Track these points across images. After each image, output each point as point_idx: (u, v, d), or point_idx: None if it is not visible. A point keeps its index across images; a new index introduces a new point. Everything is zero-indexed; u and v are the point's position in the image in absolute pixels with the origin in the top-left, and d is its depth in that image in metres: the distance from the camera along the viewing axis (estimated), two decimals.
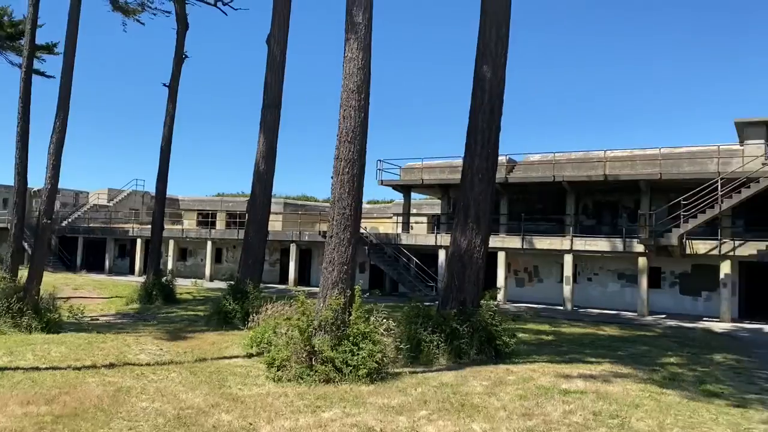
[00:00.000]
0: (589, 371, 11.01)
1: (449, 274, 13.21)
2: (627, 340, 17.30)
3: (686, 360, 13.62)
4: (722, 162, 25.06)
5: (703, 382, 10.44)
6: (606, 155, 27.79)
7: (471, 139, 13.53)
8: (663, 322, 23.71)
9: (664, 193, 26.96)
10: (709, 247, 25.00)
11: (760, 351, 16.65)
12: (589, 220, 30.68)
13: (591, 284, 29.65)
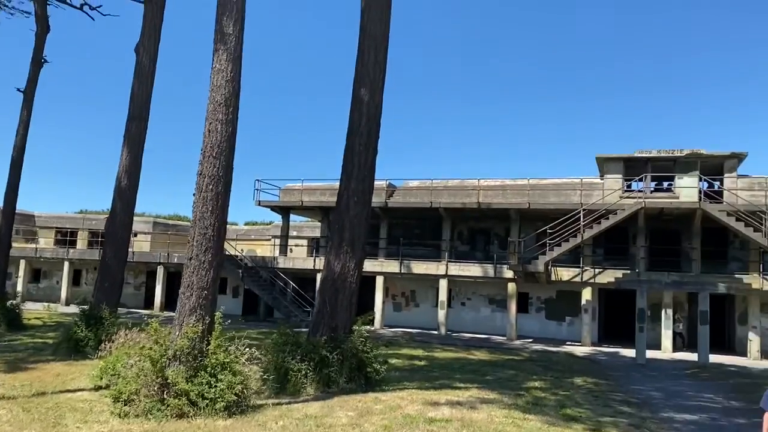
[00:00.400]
0: (456, 397, 10.95)
1: (321, 299, 12.78)
2: (496, 365, 17.64)
3: (549, 384, 14.01)
4: (584, 194, 26.68)
5: (564, 406, 10.68)
6: (480, 184, 28.75)
7: (348, 161, 13.30)
8: (530, 346, 24.61)
9: (532, 221, 28.26)
10: (572, 274, 26.40)
11: (616, 374, 17.57)
12: (463, 246, 31.51)
13: (464, 309, 30.34)
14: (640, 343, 21.15)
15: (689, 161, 25.34)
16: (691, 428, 9.91)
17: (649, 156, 25.88)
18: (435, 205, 28.36)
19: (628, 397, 12.81)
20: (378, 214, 29.93)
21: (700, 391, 14.55)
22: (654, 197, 25.56)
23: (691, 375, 18.47)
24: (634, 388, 14.69)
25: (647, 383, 15.79)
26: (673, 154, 25.48)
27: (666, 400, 12.84)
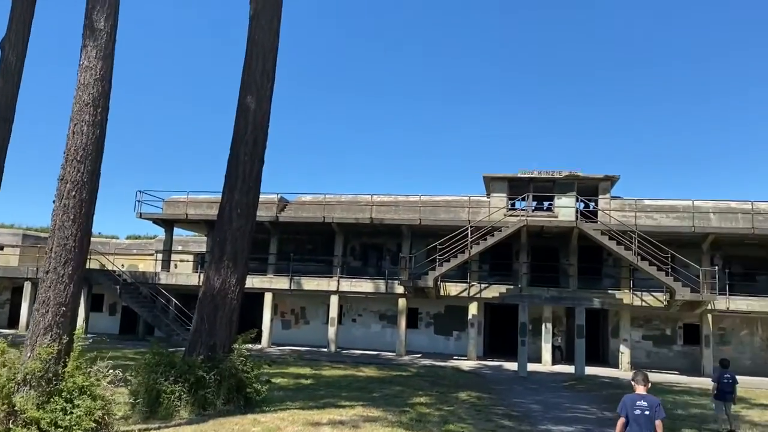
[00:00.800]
0: (340, 416, 10.63)
1: (199, 317, 12.07)
2: (383, 381, 17.50)
3: (435, 399, 14.02)
4: (472, 211, 27.41)
5: (447, 422, 10.65)
6: (373, 199, 28.81)
7: (231, 171, 12.74)
8: (418, 361, 24.77)
9: (423, 237, 28.65)
10: (460, 289, 26.95)
11: (499, 387, 17.96)
12: (356, 261, 31.39)
13: (355, 325, 30.14)
14: (522, 357, 21.83)
15: (567, 182, 26.72)
16: None
17: (531, 176, 27.03)
18: (328, 220, 28.07)
19: (509, 411, 13.04)
20: (268, 229, 29.20)
21: (576, 403, 15.11)
22: (535, 216, 26.71)
23: (568, 387, 19.23)
24: (515, 401, 15.02)
25: (528, 396, 16.22)
26: (553, 176, 26.77)
27: (545, 413, 13.18)
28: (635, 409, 6.29)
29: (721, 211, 25.92)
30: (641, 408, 6.28)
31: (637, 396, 6.42)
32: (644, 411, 6.25)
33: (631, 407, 6.34)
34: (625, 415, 6.38)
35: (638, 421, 6.24)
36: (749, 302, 24.58)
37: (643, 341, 27.40)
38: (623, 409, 6.39)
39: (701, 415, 13.12)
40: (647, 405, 6.29)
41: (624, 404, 6.40)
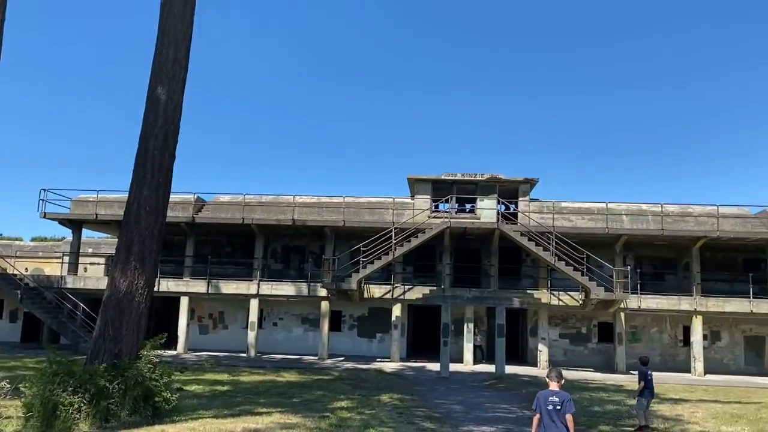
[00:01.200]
0: (255, 424, 10.10)
1: (103, 322, 11.21)
2: (304, 386, 17.02)
3: (356, 403, 13.68)
4: (396, 213, 27.30)
5: (368, 426, 10.34)
6: (295, 200, 28.21)
7: (139, 166, 11.95)
8: (341, 364, 24.38)
9: (347, 239, 28.30)
10: (384, 291, 26.78)
11: (421, 388, 17.84)
12: (277, 264, 30.65)
13: (276, 329, 29.41)
14: (444, 357, 21.86)
15: (489, 185, 27.09)
16: None
17: (454, 179, 27.23)
18: (247, 221, 27.21)
19: (431, 412, 12.87)
20: (184, 230, 28.05)
21: (497, 402, 15.16)
22: (458, 217, 26.91)
23: (489, 386, 19.37)
24: (437, 401, 14.90)
25: (450, 396, 16.16)
26: (475, 178, 27.07)
27: (466, 413, 13.11)
28: (548, 405, 6.54)
29: (633, 213, 27.00)
30: (553, 403, 6.52)
31: (550, 392, 6.65)
32: (556, 406, 6.50)
33: (544, 403, 6.58)
34: (539, 411, 6.62)
35: (551, 416, 6.49)
36: (659, 301, 25.67)
37: (560, 339, 28.13)
38: (537, 406, 6.65)
39: (616, 412, 13.42)
40: (558, 400, 6.53)
41: (538, 401, 6.66)
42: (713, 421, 11.90)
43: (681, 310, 25.64)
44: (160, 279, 27.14)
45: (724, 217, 26.25)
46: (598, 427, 11.06)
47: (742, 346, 27.59)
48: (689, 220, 26.71)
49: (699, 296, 25.64)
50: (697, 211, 26.85)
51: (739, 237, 25.55)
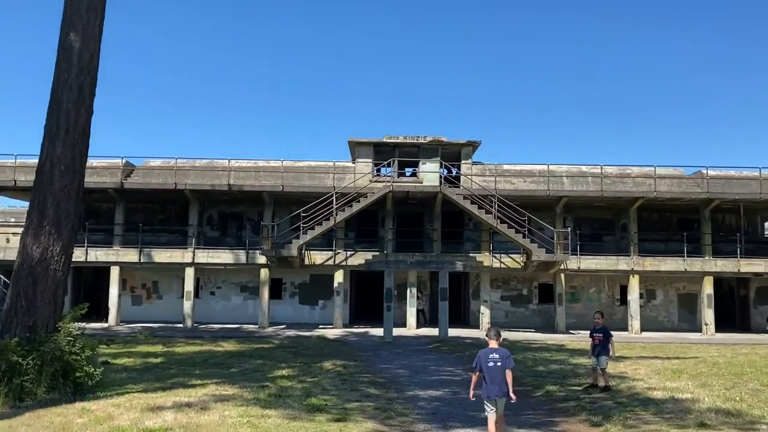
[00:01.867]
0: (188, 398, 9.40)
1: (15, 292, 10.16)
2: (243, 355, 16.34)
3: (297, 371, 13.15)
4: (337, 177, 26.58)
5: (309, 395, 9.81)
6: (231, 165, 27.04)
7: (52, 121, 10.79)
8: (283, 332, 23.78)
9: (286, 205, 27.43)
10: (326, 257, 26.18)
11: (365, 354, 17.46)
12: (214, 231, 29.55)
13: (214, 298, 28.47)
14: (388, 322, 21.56)
15: (432, 148, 26.66)
16: (435, 404, 9.70)
17: (396, 142, 26.66)
18: (180, 187, 25.90)
19: (375, 378, 12.47)
20: (112, 197, 26.51)
21: (441, 365, 14.92)
22: (401, 181, 26.45)
23: (433, 349, 19.20)
24: (381, 367, 14.54)
25: (394, 361, 15.84)
26: (418, 141, 26.58)
27: (411, 377, 12.77)
28: (489, 362, 6.82)
29: (574, 175, 27.19)
30: (494, 360, 6.81)
31: (490, 350, 6.93)
32: (496, 363, 6.79)
33: (485, 361, 6.85)
34: (479, 369, 6.89)
35: (491, 373, 6.79)
36: (598, 261, 26.09)
37: (502, 302, 28.34)
38: (478, 363, 6.91)
39: (561, 371, 13.36)
40: (498, 357, 6.82)
41: (479, 359, 6.91)
42: (657, 377, 11.95)
43: (619, 270, 26.15)
44: (88, 248, 25.73)
45: (661, 178, 26.77)
46: (545, 388, 10.90)
47: (676, 303, 28.51)
48: (627, 181, 27.12)
49: (636, 256, 26.18)
50: (635, 173, 27.28)
51: (675, 198, 26.12)
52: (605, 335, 10.95)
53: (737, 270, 25.95)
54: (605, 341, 10.88)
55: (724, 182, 26.67)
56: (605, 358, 10.79)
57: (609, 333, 11.02)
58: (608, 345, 10.85)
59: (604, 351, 10.79)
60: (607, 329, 11.07)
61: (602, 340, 10.94)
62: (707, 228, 26.73)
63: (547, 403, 9.75)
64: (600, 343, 10.94)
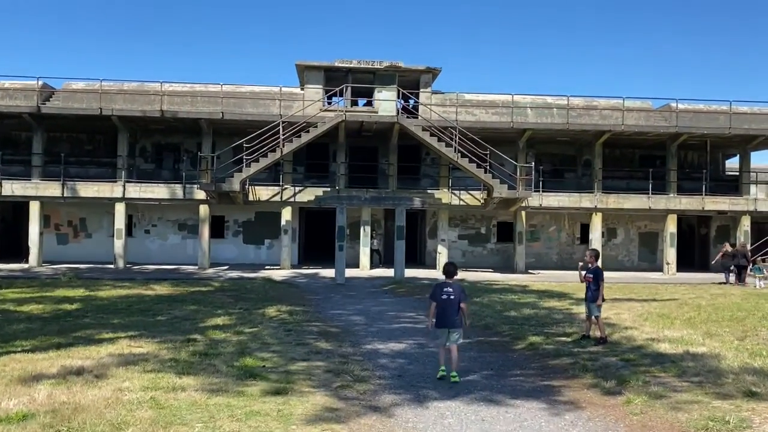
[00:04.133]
0: (86, 360, 7.41)
1: None
2: (176, 300, 14.36)
3: (236, 319, 11.29)
4: (284, 105, 24.15)
5: (245, 353, 7.98)
6: (164, 88, 24.18)
7: None
8: (225, 274, 21.81)
9: (227, 135, 24.92)
10: (272, 193, 24.04)
11: (315, 297, 15.73)
12: (148, 164, 26.87)
13: (149, 237, 26.09)
14: (340, 263, 19.83)
15: (388, 74, 24.40)
16: (400, 362, 8.02)
17: (350, 66, 24.28)
18: (107, 113, 23.01)
19: (326, 327, 10.73)
20: (29, 123, 23.45)
21: (401, 310, 13.32)
22: (355, 111, 24.25)
23: (389, 291, 17.65)
24: (333, 313, 12.83)
25: (348, 305, 14.16)
26: (373, 66, 24.26)
27: (368, 326, 11.09)
28: (443, 295, 7.09)
29: (538, 106, 25.48)
30: (447, 293, 7.08)
31: (445, 284, 7.21)
32: (450, 296, 7.07)
33: (439, 293, 7.12)
34: (436, 300, 7.15)
35: (445, 305, 7.08)
36: (560, 198, 24.78)
37: (459, 241, 26.95)
38: (433, 295, 7.22)
39: (537, 317, 11.90)
40: (452, 291, 7.10)
41: (434, 291, 7.23)
42: (649, 324, 10.56)
43: (582, 207, 24.95)
44: (2, 181, 22.86)
45: (629, 111, 25.36)
46: (527, 339, 9.32)
47: (637, 242, 27.72)
48: (594, 114, 25.61)
49: (600, 193, 24.98)
50: (602, 105, 25.76)
51: (642, 132, 24.80)
52: (596, 277, 9.27)
53: (702, 208, 25.12)
54: (596, 284, 9.22)
55: (692, 116, 25.46)
56: (596, 305, 9.19)
57: (601, 275, 9.34)
58: (599, 289, 9.22)
59: (595, 296, 9.19)
60: (599, 270, 9.37)
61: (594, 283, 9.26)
62: (673, 164, 25.67)
63: (535, 358, 8.17)
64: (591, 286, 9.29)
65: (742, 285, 21.03)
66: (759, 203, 25.25)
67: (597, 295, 9.13)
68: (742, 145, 26.24)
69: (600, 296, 9.19)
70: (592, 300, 9.20)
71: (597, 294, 9.13)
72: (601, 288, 9.25)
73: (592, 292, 9.23)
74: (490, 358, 8.37)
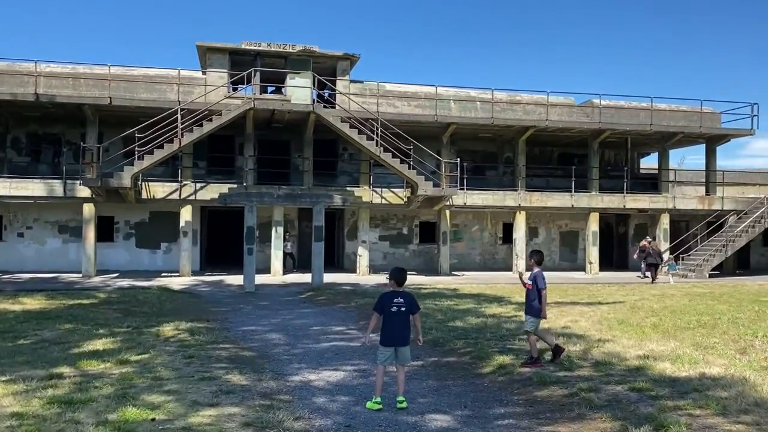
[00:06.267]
0: None
1: None
2: (48, 316, 11.62)
3: (121, 342, 8.88)
4: (183, 91, 21.45)
5: (126, 398, 5.71)
6: (39, 69, 20.77)
7: None
8: (113, 283, 18.84)
9: (116, 125, 21.86)
10: (169, 190, 21.26)
11: (221, 310, 13.38)
12: (22, 157, 23.32)
13: (23, 241, 22.51)
14: (249, 268, 17.49)
15: (302, 59, 22.23)
16: (343, 402, 6.01)
17: (258, 49, 21.92)
18: None
19: (238, 350, 8.55)
20: None
21: (327, 324, 11.29)
22: (265, 98, 21.84)
23: (307, 300, 15.57)
24: (245, 330, 10.61)
25: (262, 320, 11.96)
26: (285, 49, 22.03)
27: (291, 347, 8.98)
28: (392, 306, 5.93)
29: (462, 99, 24.11)
30: (398, 305, 5.93)
31: (394, 293, 6.01)
32: (400, 307, 5.93)
33: (388, 305, 5.94)
34: (381, 312, 5.94)
35: (393, 319, 5.90)
36: (484, 196, 23.61)
37: (380, 242, 25.21)
38: (380, 307, 5.97)
39: (488, 327, 10.23)
40: (403, 302, 5.95)
41: (381, 302, 5.99)
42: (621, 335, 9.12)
43: (506, 205, 23.90)
44: None
45: (552, 106, 24.56)
46: (493, 359, 7.54)
47: (558, 242, 27.07)
48: (518, 109, 24.59)
49: (524, 191, 24.02)
50: (526, 99, 24.81)
51: (566, 127, 24.06)
52: (536, 284, 7.32)
53: (623, 206, 24.75)
54: (537, 293, 7.28)
55: (614, 112, 25.03)
56: (533, 320, 7.32)
57: (542, 282, 7.32)
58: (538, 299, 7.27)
59: (533, 308, 7.33)
60: (540, 276, 7.35)
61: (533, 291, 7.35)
62: (595, 162, 25.17)
63: (514, 387, 6.39)
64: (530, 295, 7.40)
65: (653, 282, 21.02)
66: (677, 201, 25.19)
67: (536, 308, 7.29)
68: (661, 142, 26.18)
69: (542, 309, 7.28)
70: (528, 311, 7.40)
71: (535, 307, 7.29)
72: (543, 298, 7.28)
73: (530, 303, 7.37)
74: (456, 387, 6.55)
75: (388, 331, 5.87)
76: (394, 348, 5.87)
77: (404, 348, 5.90)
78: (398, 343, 5.87)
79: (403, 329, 5.89)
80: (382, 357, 5.91)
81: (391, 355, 5.88)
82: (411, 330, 5.98)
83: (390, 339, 5.86)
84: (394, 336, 5.85)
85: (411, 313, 5.96)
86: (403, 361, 5.92)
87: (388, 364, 5.92)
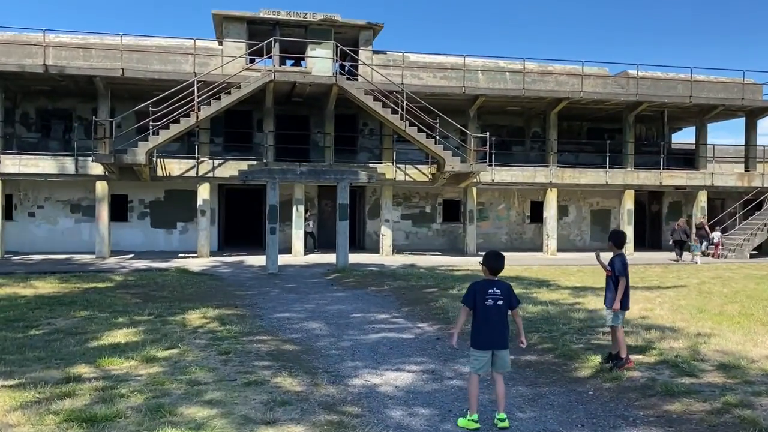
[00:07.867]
0: None
1: None
2: (62, 302, 10.73)
3: (144, 333, 7.96)
4: (199, 62, 20.36)
5: (161, 412, 4.74)
6: (48, 39, 19.69)
7: None
8: (129, 264, 17.96)
9: (129, 99, 20.87)
10: (186, 167, 20.28)
11: (247, 294, 12.43)
12: (31, 133, 22.37)
13: (34, 221, 21.65)
14: (273, 249, 16.54)
15: (323, 29, 21.04)
16: (424, 414, 5.02)
17: (278, 18, 20.73)
18: None
19: (278, 343, 7.58)
20: None
21: (367, 310, 10.30)
22: (285, 70, 20.74)
23: (335, 282, 14.62)
24: (279, 317, 9.64)
25: (294, 304, 11.00)
26: (306, 18, 20.83)
27: (336, 339, 7.99)
28: (487, 299, 4.79)
29: (490, 70, 22.89)
30: (494, 297, 4.80)
31: (488, 283, 4.87)
32: (497, 301, 4.79)
33: (481, 297, 4.80)
34: (473, 307, 4.82)
35: (489, 314, 4.78)
36: (513, 173, 22.49)
37: (402, 221, 24.18)
38: (470, 300, 4.84)
39: (553, 317, 9.20)
40: (500, 293, 4.83)
41: (474, 292, 4.85)
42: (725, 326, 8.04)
43: (536, 182, 22.77)
44: None
45: (586, 77, 23.26)
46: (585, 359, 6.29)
47: (589, 220, 25.94)
48: (549, 79, 23.33)
49: (555, 167, 22.86)
50: (558, 69, 23.51)
51: (601, 99, 22.77)
52: (614, 271, 6.24)
53: (659, 183, 23.55)
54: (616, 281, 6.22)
55: (650, 84, 23.72)
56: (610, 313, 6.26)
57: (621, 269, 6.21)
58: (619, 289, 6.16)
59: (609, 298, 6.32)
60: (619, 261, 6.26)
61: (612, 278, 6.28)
62: (630, 136, 23.91)
63: (630, 397, 5.25)
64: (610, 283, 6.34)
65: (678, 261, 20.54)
66: (716, 178, 23.95)
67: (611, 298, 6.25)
68: (699, 116, 24.87)
69: (615, 299, 6.19)
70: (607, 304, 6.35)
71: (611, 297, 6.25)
72: (619, 287, 6.17)
73: (608, 293, 6.33)
74: (555, 396, 5.51)
75: (483, 330, 4.78)
76: (491, 352, 4.79)
77: (503, 351, 4.83)
78: (496, 346, 4.78)
79: (501, 328, 4.80)
80: (477, 364, 4.79)
81: (488, 361, 4.79)
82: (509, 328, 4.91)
83: (487, 341, 4.77)
84: (491, 336, 4.76)
85: (510, 308, 4.88)
86: (501, 368, 4.86)
87: (482, 371, 4.82)
